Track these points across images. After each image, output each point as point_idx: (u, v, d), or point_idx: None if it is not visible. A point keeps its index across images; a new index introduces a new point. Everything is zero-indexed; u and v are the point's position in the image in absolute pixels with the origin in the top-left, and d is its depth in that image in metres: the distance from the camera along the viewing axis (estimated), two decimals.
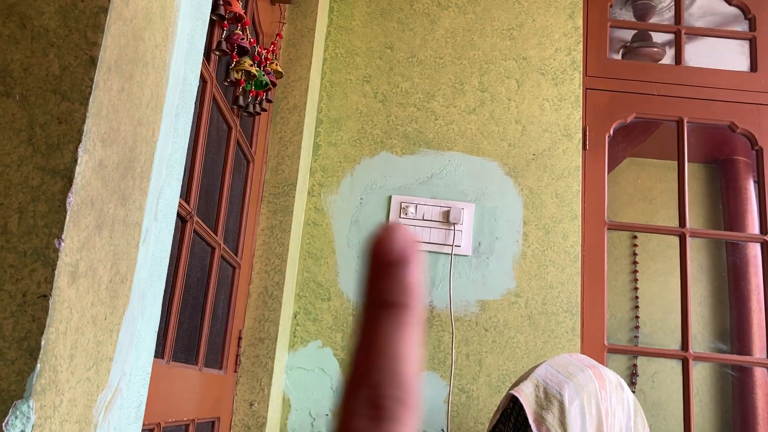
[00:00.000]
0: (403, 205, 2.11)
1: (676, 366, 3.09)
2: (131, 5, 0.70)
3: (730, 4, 2.43)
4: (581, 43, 2.27)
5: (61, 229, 0.60)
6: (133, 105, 0.73)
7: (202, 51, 0.96)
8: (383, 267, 0.23)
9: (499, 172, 2.15)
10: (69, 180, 0.61)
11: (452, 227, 2.08)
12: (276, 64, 1.70)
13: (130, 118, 0.72)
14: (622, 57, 3.00)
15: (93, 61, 0.65)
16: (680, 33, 2.38)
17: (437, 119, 2.20)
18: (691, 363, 2.08)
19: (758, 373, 3.01)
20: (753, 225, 3.10)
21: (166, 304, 1.21)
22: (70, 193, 0.61)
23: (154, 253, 0.85)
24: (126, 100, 0.71)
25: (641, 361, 3.23)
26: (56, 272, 0.59)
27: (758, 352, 2.99)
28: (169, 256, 0.91)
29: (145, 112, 0.76)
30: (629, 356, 3.25)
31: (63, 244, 0.60)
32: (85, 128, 0.63)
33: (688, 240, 2.17)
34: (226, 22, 1.35)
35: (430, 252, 2.07)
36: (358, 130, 2.19)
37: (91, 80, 0.64)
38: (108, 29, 0.66)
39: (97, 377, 0.68)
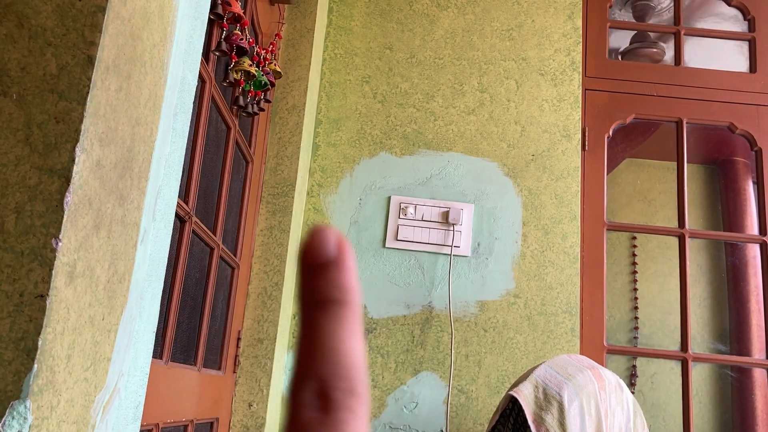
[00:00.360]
0: (403, 205, 2.11)
1: (675, 367, 3.09)
2: (129, 4, 0.70)
3: (729, 4, 2.43)
4: (580, 44, 2.27)
5: (59, 229, 0.60)
6: (131, 104, 0.73)
7: (201, 51, 0.96)
8: (315, 268, 0.24)
9: (498, 173, 2.14)
10: (66, 180, 0.61)
11: (451, 228, 2.08)
12: (275, 65, 1.70)
13: (128, 117, 0.72)
14: (622, 57, 3.00)
15: (91, 61, 0.64)
16: (679, 34, 2.38)
17: (436, 120, 2.20)
18: (691, 364, 2.07)
19: (757, 374, 3.01)
20: (752, 226, 3.10)
21: (164, 304, 1.21)
22: (67, 193, 0.61)
23: (152, 253, 0.85)
24: (124, 99, 0.71)
25: (640, 362, 3.23)
26: (53, 272, 0.59)
27: (757, 352, 2.99)
28: (167, 256, 0.90)
29: (143, 112, 0.76)
30: (628, 357, 3.25)
31: (60, 243, 0.60)
32: (83, 128, 0.63)
33: (688, 241, 2.17)
34: (225, 22, 1.35)
35: (429, 252, 2.07)
36: (357, 130, 2.19)
37: (89, 80, 0.64)
38: (106, 28, 0.66)
39: (95, 377, 0.68)
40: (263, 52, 1.67)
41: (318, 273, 0.24)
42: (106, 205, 0.68)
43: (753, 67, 2.35)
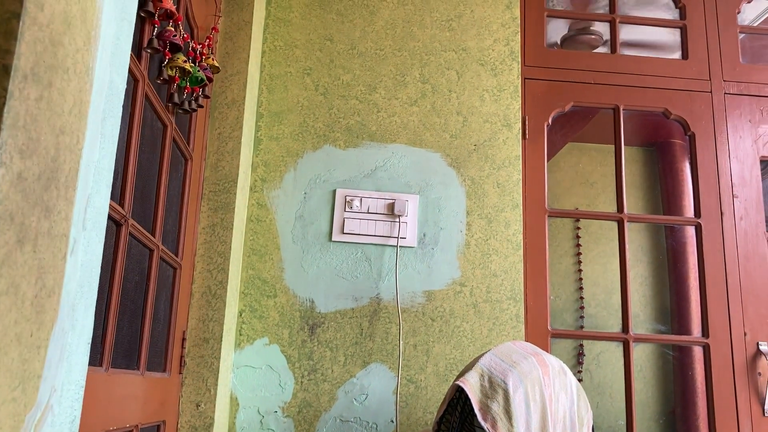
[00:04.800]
0: (348, 198, 2.10)
1: (620, 346, 3.18)
2: (47, 9, 0.68)
3: None
4: (519, 34, 2.30)
5: None
6: (54, 113, 0.70)
7: (129, 53, 0.94)
8: None
9: (441, 164, 2.16)
10: None
11: (397, 219, 2.08)
12: (212, 59, 1.67)
13: (51, 127, 0.70)
14: (562, 44, 3.05)
15: (6, 70, 0.62)
16: (615, 22, 2.43)
17: (379, 111, 2.19)
18: (632, 344, 2.14)
19: (696, 349, 3.12)
20: (689, 206, 3.20)
21: (102, 311, 1.18)
22: None
23: (83, 263, 0.83)
24: (46, 108, 0.68)
25: (586, 341, 3.32)
26: None
27: (696, 329, 3.11)
28: (100, 264, 0.88)
29: (68, 120, 0.74)
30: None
31: None
32: (0, 140, 0.60)
33: (627, 225, 2.23)
34: (156, 19, 1.31)
35: (375, 245, 2.08)
36: (299, 123, 2.17)
37: (5, 90, 0.61)
38: (22, 36, 0.63)
39: (24, 396, 0.66)
40: (199, 47, 1.63)
41: None
42: (30, 219, 0.66)
43: (685, 54, 2.41)
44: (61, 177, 0.73)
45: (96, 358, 1.16)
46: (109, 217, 1.15)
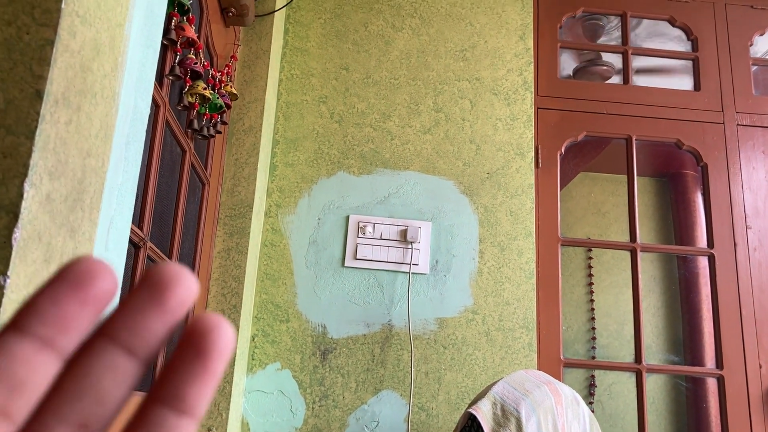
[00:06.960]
0: (361, 224, 2.12)
1: (632, 376, 3.15)
2: (78, 37, 0.70)
3: (673, 25, 2.52)
4: (532, 64, 2.32)
5: (7, 266, 0.59)
6: (82, 137, 0.72)
7: (153, 79, 0.96)
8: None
9: (454, 191, 2.17)
10: (15, 215, 0.60)
11: (410, 246, 2.09)
12: (231, 87, 1.70)
13: (79, 149, 0.72)
14: (574, 75, 3.07)
15: (39, 95, 0.64)
16: (627, 53, 2.46)
17: (393, 139, 2.22)
18: (645, 375, 2.12)
19: (710, 381, 3.09)
20: (702, 237, 3.19)
21: None
22: (16, 229, 0.60)
23: None
24: (74, 132, 0.70)
25: (598, 372, 3.29)
26: (1, 309, 0.58)
27: (710, 361, 3.07)
28: (120, 285, 0.90)
29: (94, 143, 0.76)
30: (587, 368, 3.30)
31: (8, 280, 0.59)
32: (32, 162, 0.62)
33: (639, 255, 2.22)
34: (178, 47, 1.34)
35: (388, 271, 2.08)
36: (314, 150, 2.20)
37: (37, 113, 0.64)
38: (54, 62, 0.66)
39: None
40: (219, 74, 1.66)
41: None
42: (57, 239, 0.68)
43: (697, 86, 2.43)
44: (87, 199, 0.75)
45: None
46: (129, 240, 1.17)
